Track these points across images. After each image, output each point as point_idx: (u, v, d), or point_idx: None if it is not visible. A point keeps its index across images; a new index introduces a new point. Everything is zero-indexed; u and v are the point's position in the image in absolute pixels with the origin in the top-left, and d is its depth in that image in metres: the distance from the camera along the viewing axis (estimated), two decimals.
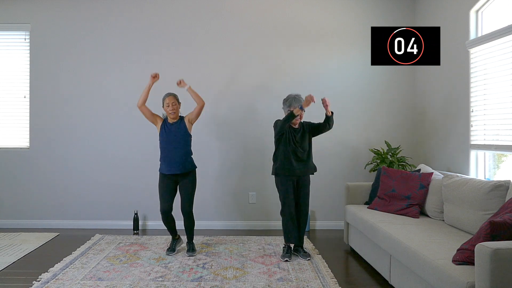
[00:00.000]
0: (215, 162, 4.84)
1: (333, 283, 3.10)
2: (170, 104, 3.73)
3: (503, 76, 3.34)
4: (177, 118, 3.82)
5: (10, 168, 4.83)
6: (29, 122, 4.84)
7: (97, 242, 4.20)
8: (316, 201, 4.87)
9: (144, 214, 4.83)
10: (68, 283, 3.07)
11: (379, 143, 4.82)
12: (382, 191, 3.81)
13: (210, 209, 4.86)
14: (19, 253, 3.82)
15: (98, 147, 4.83)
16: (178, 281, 3.14)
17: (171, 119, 3.81)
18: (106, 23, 4.83)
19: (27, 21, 4.82)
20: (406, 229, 3.03)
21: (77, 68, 4.82)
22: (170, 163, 3.73)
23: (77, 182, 4.83)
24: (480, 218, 2.79)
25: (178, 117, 3.83)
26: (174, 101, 3.77)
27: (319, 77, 4.85)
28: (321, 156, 4.85)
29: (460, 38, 3.89)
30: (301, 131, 3.75)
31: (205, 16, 4.83)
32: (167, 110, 3.77)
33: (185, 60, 4.82)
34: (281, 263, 3.56)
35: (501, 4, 3.49)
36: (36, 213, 4.83)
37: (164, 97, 3.80)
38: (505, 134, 3.36)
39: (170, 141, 3.75)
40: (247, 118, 4.82)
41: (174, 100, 3.76)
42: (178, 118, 3.83)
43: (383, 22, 4.84)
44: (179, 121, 3.83)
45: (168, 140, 3.76)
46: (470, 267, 2.16)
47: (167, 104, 3.75)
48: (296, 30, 4.85)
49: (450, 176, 3.30)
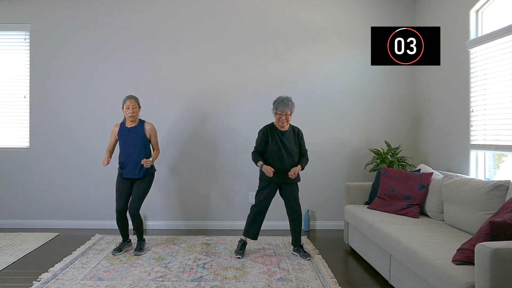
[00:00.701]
0: (215, 162, 4.83)
1: (333, 283, 3.10)
2: (131, 107, 3.70)
3: (503, 76, 3.34)
4: (136, 122, 3.79)
5: (10, 168, 4.83)
6: (29, 122, 4.84)
7: (97, 242, 4.20)
8: (316, 201, 4.88)
9: (144, 214, 4.81)
10: (68, 283, 3.07)
11: (379, 143, 4.83)
12: (382, 191, 3.81)
13: (210, 209, 4.86)
14: (19, 253, 3.82)
15: (98, 147, 4.82)
16: (178, 281, 3.14)
17: (130, 122, 3.78)
18: (106, 23, 4.83)
19: (27, 21, 4.82)
20: (406, 229, 3.03)
21: (77, 68, 4.83)
22: (127, 167, 3.73)
23: (77, 182, 4.83)
24: (480, 218, 2.79)
25: (137, 121, 3.80)
26: (135, 104, 3.74)
27: (319, 77, 4.85)
28: (321, 156, 4.86)
29: (460, 38, 3.89)
30: (289, 135, 3.72)
31: (205, 16, 4.83)
32: (126, 112, 3.73)
33: (185, 60, 4.82)
34: (281, 263, 3.56)
35: (501, 4, 3.49)
36: (36, 213, 4.83)
37: (125, 100, 3.75)
38: (505, 134, 3.36)
39: (129, 145, 3.74)
40: (247, 118, 4.82)
41: (134, 103, 3.74)
42: (137, 122, 3.80)
43: (383, 22, 4.84)
44: (139, 125, 3.79)
45: (126, 144, 3.75)
46: (470, 267, 2.16)
47: (127, 107, 3.71)
48: (296, 30, 4.85)
49: (450, 176, 3.30)
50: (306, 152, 3.84)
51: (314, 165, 4.87)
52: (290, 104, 3.64)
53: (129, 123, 3.78)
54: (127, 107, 3.71)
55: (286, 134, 3.71)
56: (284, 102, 3.62)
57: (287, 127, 3.73)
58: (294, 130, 3.79)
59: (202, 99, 4.81)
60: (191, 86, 4.80)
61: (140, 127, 3.78)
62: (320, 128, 4.86)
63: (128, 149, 3.74)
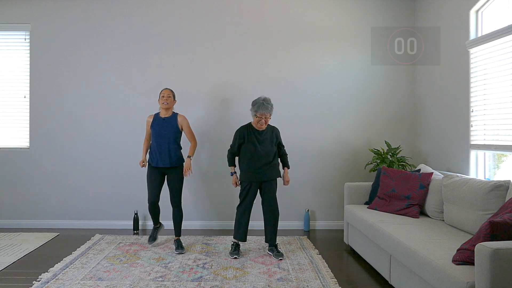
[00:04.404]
0: (215, 162, 4.83)
1: (333, 283, 3.10)
2: (165, 96, 3.89)
3: (503, 76, 3.34)
4: (170, 114, 3.95)
5: (10, 168, 4.83)
6: (29, 122, 4.84)
7: (97, 242, 4.20)
8: (316, 201, 4.88)
9: (144, 214, 4.82)
10: (68, 283, 3.07)
11: (379, 143, 4.83)
12: (382, 191, 3.81)
13: (210, 209, 4.86)
14: (19, 253, 3.82)
15: (98, 147, 4.83)
16: (178, 281, 3.14)
17: (164, 114, 3.93)
18: (106, 23, 4.83)
19: (27, 21, 4.83)
20: (406, 229, 3.03)
21: (77, 68, 4.83)
22: (158, 156, 3.87)
23: (77, 182, 4.83)
24: (480, 218, 2.79)
25: (171, 113, 3.95)
26: (170, 94, 3.93)
27: (319, 77, 4.85)
28: (321, 156, 4.87)
29: (460, 38, 3.89)
30: (266, 135, 3.75)
31: (205, 16, 4.83)
32: (160, 100, 3.92)
33: (185, 60, 4.83)
34: (281, 263, 3.56)
35: (501, 4, 3.49)
36: (36, 213, 4.83)
37: (161, 91, 3.97)
38: (505, 134, 3.36)
39: (161, 135, 3.88)
40: (247, 118, 4.81)
41: (169, 93, 3.93)
42: (170, 114, 3.95)
43: (383, 22, 4.85)
44: (172, 117, 3.94)
45: (159, 134, 3.89)
46: (470, 267, 2.16)
47: (162, 95, 3.91)
48: (296, 30, 4.85)
49: (450, 176, 3.30)
50: (284, 147, 3.92)
51: (314, 165, 4.88)
52: (270, 107, 3.67)
53: (163, 113, 3.94)
54: (162, 95, 3.91)
55: (264, 133, 3.75)
56: (264, 105, 3.64)
57: (265, 127, 3.75)
58: (272, 130, 3.82)
59: (202, 99, 4.81)
60: (191, 86, 4.80)
61: (173, 118, 3.94)
62: (320, 128, 4.86)
63: (160, 139, 3.87)
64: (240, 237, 3.76)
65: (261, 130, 3.74)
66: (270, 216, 3.75)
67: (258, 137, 3.72)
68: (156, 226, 4.14)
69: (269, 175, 3.73)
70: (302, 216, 4.86)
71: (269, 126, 3.83)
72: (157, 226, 4.15)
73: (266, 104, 3.64)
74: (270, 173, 3.73)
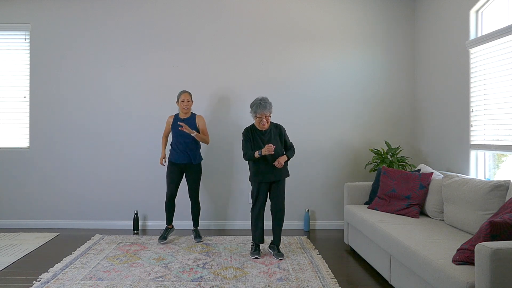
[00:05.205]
0: (215, 162, 4.83)
1: (333, 283, 3.10)
2: (185, 100, 4.14)
3: (503, 76, 3.34)
4: (189, 114, 4.21)
5: (10, 168, 4.83)
6: (29, 122, 4.84)
7: (97, 242, 4.20)
8: (316, 201, 4.88)
9: (144, 214, 4.83)
10: (68, 283, 3.07)
11: (379, 143, 4.83)
12: (382, 191, 3.81)
13: (210, 209, 4.86)
14: (19, 253, 3.82)
15: (98, 147, 4.83)
16: (178, 281, 3.14)
17: (183, 114, 4.20)
18: (106, 23, 4.83)
19: (27, 21, 4.83)
20: (406, 229, 3.03)
21: (77, 68, 4.83)
22: (178, 153, 4.14)
23: (77, 182, 4.83)
24: (480, 218, 2.79)
25: (190, 113, 4.22)
26: (189, 97, 4.18)
27: (319, 77, 4.85)
28: (321, 156, 4.87)
29: (460, 38, 3.89)
30: (270, 134, 3.74)
31: (205, 16, 4.83)
32: (181, 105, 4.15)
33: (185, 60, 4.83)
34: (281, 263, 3.56)
35: (501, 4, 3.49)
36: (36, 213, 4.83)
37: (180, 94, 4.18)
38: (505, 134, 3.36)
39: (181, 134, 4.12)
40: (247, 118, 4.82)
41: (189, 97, 4.17)
42: (189, 114, 4.21)
43: (383, 22, 4.85)
44: (191, 117, 4.21)
45: (179, 133, 4.13)
46: (470, 267, 2.17)
47: (183, 100, 4.14)
48: (296, 30, 4.85)
49: (450, 176, 3.30)
50: (292, 145, 3.89)
51: (314, 165, 4.88)
52: (268, 105, 3.66)
53: (183, 115, 4.21)
54: (182, 100, 4.14)
55: (267, 133, 3.74)
56: (262, 104, 3.63)
57: (267, 126, 3.74)
58: (276, 127, 3.80)
59: (202, 99, 4.81)
60: (191, 86, 4.80)
61: (192, 118, 4.20)
62: (320, 128, 4.86)
63: (180, 138, 4.13)
64: (258, 240, 3.77)
65: (264, 130, 3.74)
66: (276, 216, 3.75)
67: (262, 137, 3.72)
68: (168, 227, 4.26)
69: (277, 175, 3.71)
70: (302, 216, 4.86)
71: (272, 123, 3.81)
72: (170, 227, 4.27)
73: (264, 104, 3.63)
74: (278, 173, 3.71)
